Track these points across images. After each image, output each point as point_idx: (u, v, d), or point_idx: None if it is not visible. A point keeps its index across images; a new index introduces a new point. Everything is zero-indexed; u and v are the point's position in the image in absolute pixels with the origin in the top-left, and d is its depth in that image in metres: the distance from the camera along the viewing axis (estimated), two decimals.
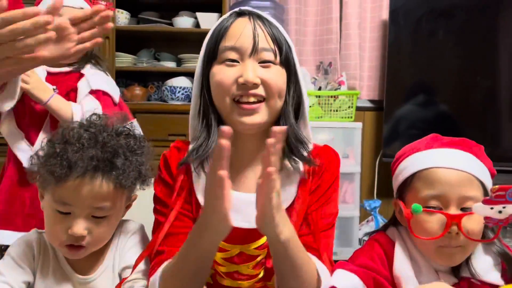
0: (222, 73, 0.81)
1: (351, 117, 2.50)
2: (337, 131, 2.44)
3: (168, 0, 2.54)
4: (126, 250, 0.90)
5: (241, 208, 0.82)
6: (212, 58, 0.83)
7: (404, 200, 0.88)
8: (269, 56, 0.81)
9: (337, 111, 2.48)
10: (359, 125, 2.44)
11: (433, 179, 0.82)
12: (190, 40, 2.55)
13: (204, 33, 0.86)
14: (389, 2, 2.49)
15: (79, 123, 0.86)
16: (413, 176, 0.85)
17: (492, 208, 0.74)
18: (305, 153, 0.85)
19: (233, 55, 0.81)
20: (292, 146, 0.84)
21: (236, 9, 0.86)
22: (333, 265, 0.85)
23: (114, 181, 0.81)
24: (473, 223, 0.79)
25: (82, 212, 0.80)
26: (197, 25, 2.49)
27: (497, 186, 0.72)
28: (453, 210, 0.80)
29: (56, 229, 0.81)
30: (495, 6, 2.43)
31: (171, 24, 2.51)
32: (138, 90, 2.47)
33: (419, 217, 0.82)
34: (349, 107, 2.49)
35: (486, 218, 0.76)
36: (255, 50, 0.80)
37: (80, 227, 0.80)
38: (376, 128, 2.72)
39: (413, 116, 2.48)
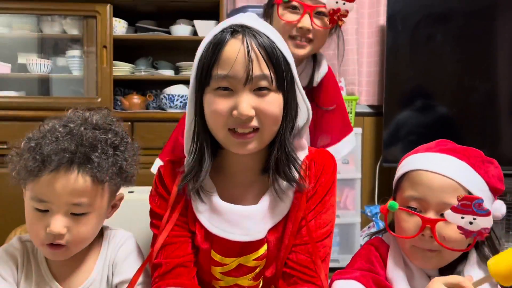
0: (216, 104, 0.77)
1: (351, 123, 2.48)
2: None
3: (165, 9, 2.54)
4: (120, 262, 0.87)
5: (239, 221, 0.82)
6: (204, 83, 0.79)
7: (395, 199, 0.90)
8: (264, 83, 0.77)
9: None
10: (358, 130, 2.43)
11: (416, 181, 0.84)
12: (188, 48, 2.52)
13: (202, 41, 0.84)
14: (386, 7, 2.49)
15: (58, 118, 0.83)
16: (403, 176, 0.88)
17: (463, 218, 0.74)
18: (296, 174, 0.83)
19: (226, 83, 0.77)
20: (285, 167, 0.82)
21: (228, 26, 0.79)
22: (326, 279, 0.84)
23: (91, 175, 0.78)
24: (451, 231, 0.79)
25: (60, 209, 0.78)
26: (194, 33, 2.49)
27: (462, 195, 0.73)
28: (431, 215, 0.81)
29: (36, 227, 0.79)
30: (492, 10, 2.43)
31: (169, 33, 2.51)
32: (136, 99, 2.46)
33: (399, 216, 0.85)
34: (348, 112, 2.47)
35: (459, 227, 0.76)
36: (249, 79, 0.75)
37: (57, 224, 0.77)
38: (376, 133, 2.72)
39: (413, 120, 2.47)
